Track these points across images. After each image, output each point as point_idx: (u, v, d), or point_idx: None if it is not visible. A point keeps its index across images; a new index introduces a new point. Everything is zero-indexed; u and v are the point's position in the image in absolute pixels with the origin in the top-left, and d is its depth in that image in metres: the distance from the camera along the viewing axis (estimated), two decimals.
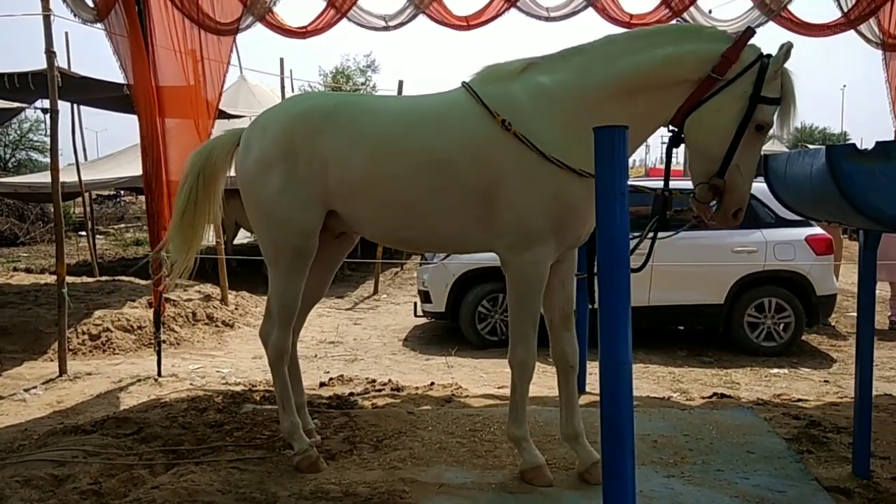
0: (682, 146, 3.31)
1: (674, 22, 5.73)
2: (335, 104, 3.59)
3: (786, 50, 2.96)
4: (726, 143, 3.02)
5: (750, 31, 3.10)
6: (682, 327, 8.52)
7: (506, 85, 3.29)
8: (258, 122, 3.82)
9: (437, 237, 3.59)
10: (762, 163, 4.02)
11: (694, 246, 7.90)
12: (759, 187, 7.48)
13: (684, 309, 7.98)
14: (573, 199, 3.17)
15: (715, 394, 5.68)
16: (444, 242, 3.73)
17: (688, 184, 3.32)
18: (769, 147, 29.10)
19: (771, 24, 5.63)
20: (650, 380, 6.73)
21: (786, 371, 7.15)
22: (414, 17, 5.83)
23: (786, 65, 3.01)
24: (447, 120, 3.35)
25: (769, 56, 3.02)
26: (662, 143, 64.97)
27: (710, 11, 6.20)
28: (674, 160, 3.43)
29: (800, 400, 5.50)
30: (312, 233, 3.61)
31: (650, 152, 72.76)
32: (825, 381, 6.74)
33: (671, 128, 3.23)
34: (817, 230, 7.78)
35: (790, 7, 5.51)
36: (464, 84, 3.40)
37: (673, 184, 3.35)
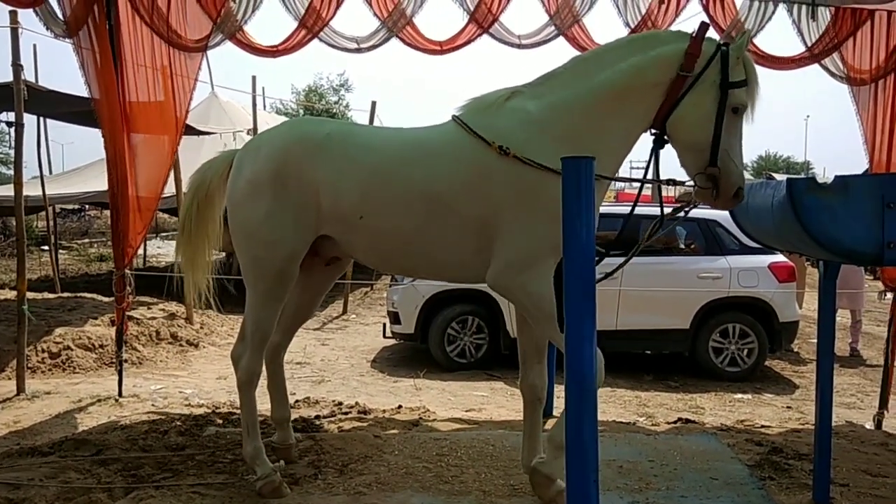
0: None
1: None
2: (329, 132, 3.61)
3: (746, 38, 3.23)
4: (710, 133, 3.13)
5: (705, 25, 3.26)
6: (648, 351, 8.60)
7: (495, 114, 3.35)
8: (252, 144, 3.87)
9: (436, 267, 3.63)
10: None
11: (661, 271, 8.02)
12: (724, 214, 7.63)
13: (651, 333, 8.08)
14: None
15: (680, 419, 5.73)
16: (443, 272, 3.74)
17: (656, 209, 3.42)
18: None
19: None
20: (617, 404, 6.78)
21: (749, 396, 7.25)
22: (387, 40, 5.85)
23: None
24: (440, 153, 3.40)
25: (726, 45, 3.20)
26: (632, 168, 66.08)
27: None
28: (646, 188, 3.52)
29: (763, 426, 5.58)
30: (297, 257, 3.62)
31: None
32: (787, 407, 6.85)
33: (653, 132, 3.35)
34: (780, 258, 7.94)
35: (755, 40, 5.64)
36: (454, 117, 3.45)
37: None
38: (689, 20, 6.22)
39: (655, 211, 3.52)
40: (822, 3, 5.71)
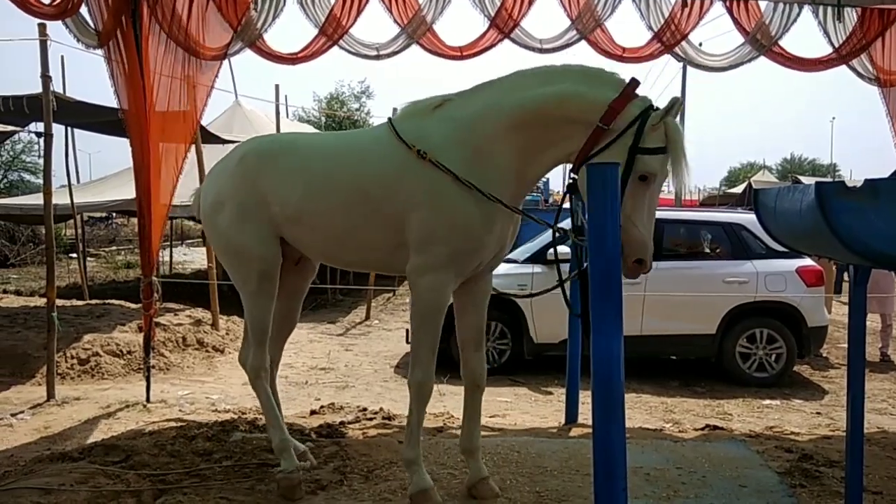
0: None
1: (664, 56, 5.86)
2: (277, 144, 3.97)
3: (671, 106, 3.03)
4: None
5: (634, 82, 3.16)
6: (674, 357, 8.52)
7: (421, 120, 3.52)
8: (213, 169, 4.22)
9: (370, 261, 3.96)
10: (753, 196, 4.07)
11: (686, 276, 7.95)
12: (750, 218, 7.55)
13: (676, 339, 8.00)
14: (473, 230, 3.36)
15: (708, 426, 5.66)
16: (375, 266, 4.14)
17: (680, 214, 3.39)
18: (758, 177, 29.30)
19: (763, 58, 5.72)
20: (643, 410, 6.72)
21: (778, 402, 7.15)
22: (407, 46, 5.88)
23: (677, 117, 3.09)
24: (369, 154, 3.63)
25: (657, 109, 3.09)
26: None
27: (700, 45, 6.30)
28: (665, 190, 3.49)
29: (792, 433, 5.49)
30: (272, 259, 3.88)
31: None
32: (817, 413, 6.74)
33: (572, 176, 3.32)
34: (808, 261, 7.83)
35: (781, 42, 5.59)
36: (388, 120, 3.65)
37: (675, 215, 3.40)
38: (714, 21, 6.19)
39: (680, 216, 3.48)
40: (848, 3, 5.63)
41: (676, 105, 3.01)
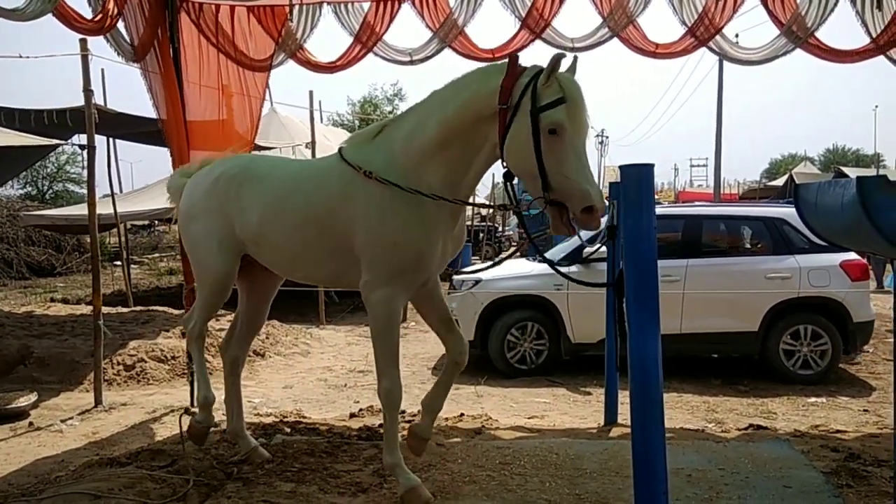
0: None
1: (697, 51, 5.79)
2: (241, 168, 4.21)
3: (554, 61, 3.10)
4: (533, 159, 3.12)
5: (514, 57, 3.33)
6: (715, 355, 8.39)
7: (364, 147, 3.75)
8: (193, 179, 4.51)
9: (326, 276, 4.20)
10: (793, 191, 4.00)
11: (727, 272, 7.83)
12: (791, 212, 7.42)
13: (718, 337, 7.87)
14: (413, 247, 3.54)
15: (751, 425, 5.57)
16: (334, 281, 4.42)
17: (719, 209, 3.36)
18: (800, 169, 28.71)
19: (799, 50, 5.60)
20: (684, 409, 6.63)
21: (823, 400, 7.00)
22: (439, 50, 5.90)
23: (571, 70, 3.23)
24: (319, 181, 3.88)
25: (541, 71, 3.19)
26: (692, 165, 64.53)
27: (736, 36, 6.19)
28: (703, 183, 3.46)
29: (838, 431, 5.37)
30: (228, 273, 4.25)
31: (679, 175, 72.24)
32: (864, 411, 6.58)
33: (504, 164, 3.38)
34: (852, 255, 7.64)
35: (817, 34, 5.47)
36: (340, 151, 3.84)
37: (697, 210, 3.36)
38: (748, 13, 6.09)
39: (719, 211, 3.44)
40: None
41: (557, 59, 3.10)
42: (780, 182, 28.56)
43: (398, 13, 5.90)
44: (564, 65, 3.16)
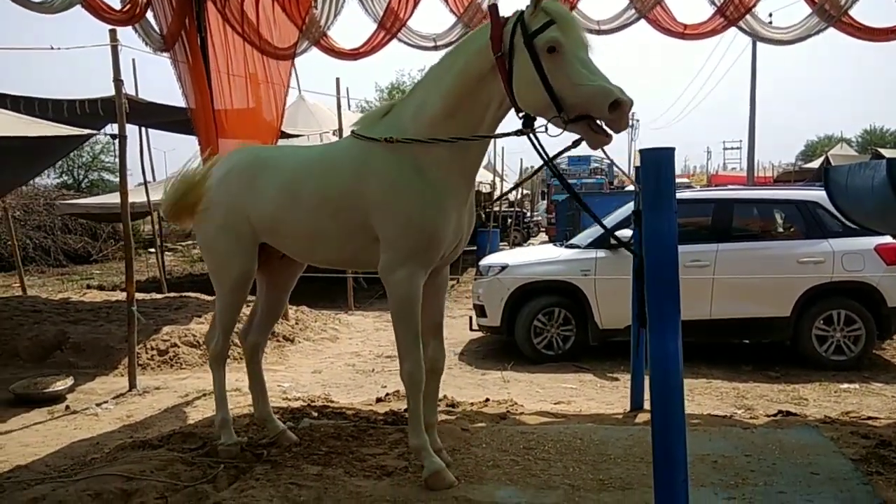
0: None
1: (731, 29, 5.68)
2: (254, 158, 4.26)
3: None
4: (541, 86, 3.14)
5: (493, 6, 3.43)
6: (746, 341, 8.29)
7: (375, 126, 3.79)
8: (218, 164, 4.45)
9: (344, 259, 4.29)
10: (823, 174, 3.93)
11: (758, 257, 7.72)
12: (825, 195, 7.26)
13: (748, 322, 7.77)
14: (428, 223, 3.56)
15: (780, 412, 5.50)
16: (352, 263, 4.51)
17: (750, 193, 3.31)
18: (836, 151, 28.07)
19: (832, 29, 5.47)
20: (713, 396, 6.58)
21: (857, 386, 6.88)
22: (463, 35, 5.84)
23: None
24: (332, 164, 3.93)
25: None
26: (725, 148, 63.44)
27: (770, 16, 6.06)
28: (737, 166, 3.43)
29: (870, 418, 5.28)
30: (247, 267, 4.25)
31: (711, 158, 71.12)
32: None
33: (519, 116, 3.41)
34: (887, 239, 7.47)
35: (851, 12, 5.33)
36: (352, 132, 3.92)
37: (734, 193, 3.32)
38: None
39: (750, 195, 3.40)
40: None
41: None
42: (815, 164, 27.94)
43: None
44: None
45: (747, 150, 31.26)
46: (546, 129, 3.32)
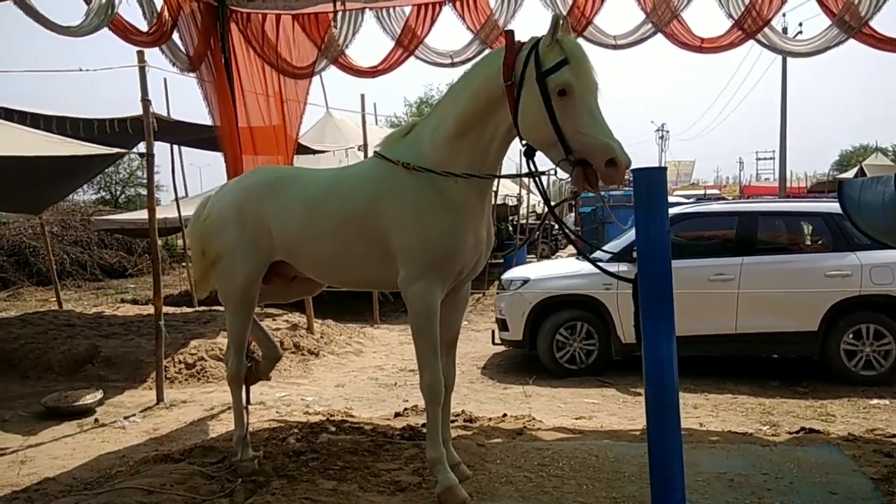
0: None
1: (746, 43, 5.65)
2: (277, 177, 4.32)
3: (554, 24, 3.16)
4: (549, 125, 3.17)
5: (509, 33, 3.43)
6: (774, 356, 8.16)
7: (396, 145, 3.89)
8: (220, 191, 4.64)
9: (363, 279, 4.25)
10: (837, 187, 3.88)
11: (784, 270, 7.61)
12: None
13: (775, 336, 7.64)
14: (446, 240, 3.63)
15: (803, 428, 5.40)
16: (371, 284, 4.45)
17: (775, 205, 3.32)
18: (871, 161, 27.47)
19: (852, 40, 5.41)
20: (738, 412, 6.48)
21: (886, 402, 6.73)
22: (480, 52, 5.93)
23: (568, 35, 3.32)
24: (353, 186, 4.00)
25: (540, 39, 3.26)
26: (758, 158, 62.47)
27: (800, 25, 6.00)
28: (770, 177, 3.44)
29: (894, 435, 5.16)
30: (254, 280, 4.30)
31: (744, 169, 70.08)
32: None
33: (523, 143, 3.45)
34: None
35: (871, 23, 5.27)
36: (375, 152, 3.98)
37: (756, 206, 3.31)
38: (799, 7, 5.90)
39: (775, 207, 3.40)
40: None
41: (556, 20, 3.16)
42: (850, 174, 27.42)
43: (439, 16, 5.96)
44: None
45: (779, 160, 30.77)
46: (555, 172, 3.40)
